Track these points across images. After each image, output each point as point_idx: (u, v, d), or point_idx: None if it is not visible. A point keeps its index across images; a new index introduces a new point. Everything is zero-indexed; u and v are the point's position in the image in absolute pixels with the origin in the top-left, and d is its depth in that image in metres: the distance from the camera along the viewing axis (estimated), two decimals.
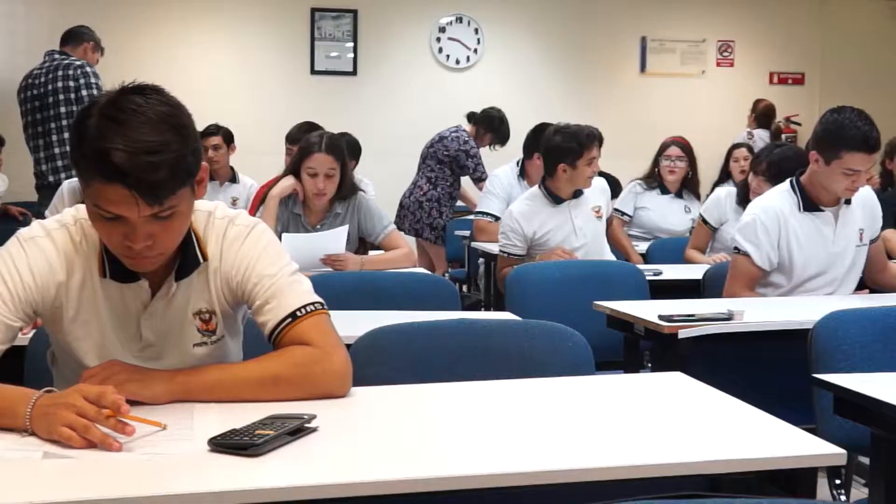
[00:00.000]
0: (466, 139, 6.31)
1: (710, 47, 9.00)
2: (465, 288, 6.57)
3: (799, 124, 8.55)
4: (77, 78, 5.44)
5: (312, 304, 1.86)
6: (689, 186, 5.39)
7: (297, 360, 1.79)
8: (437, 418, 1.78)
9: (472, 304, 5.80)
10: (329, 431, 1.61)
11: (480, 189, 5.95)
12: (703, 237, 4.70)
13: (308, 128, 4.87)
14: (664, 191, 5.34)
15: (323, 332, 1.84)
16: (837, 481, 2.36)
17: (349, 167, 3.96)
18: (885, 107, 8.83)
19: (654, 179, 5.43)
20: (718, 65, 9.05)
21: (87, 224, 1.78)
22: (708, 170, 6.00)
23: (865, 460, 3.19)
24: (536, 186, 4.33)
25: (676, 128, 7.94)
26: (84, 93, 5.42)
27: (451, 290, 3.20)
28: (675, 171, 5.33)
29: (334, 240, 3.71)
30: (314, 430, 1.59)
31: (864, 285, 3.55)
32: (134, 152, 1.59)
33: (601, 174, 6.25)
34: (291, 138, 5.03)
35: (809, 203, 3.38)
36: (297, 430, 1.56)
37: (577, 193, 4.27)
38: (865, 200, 3.48)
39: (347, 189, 3.84)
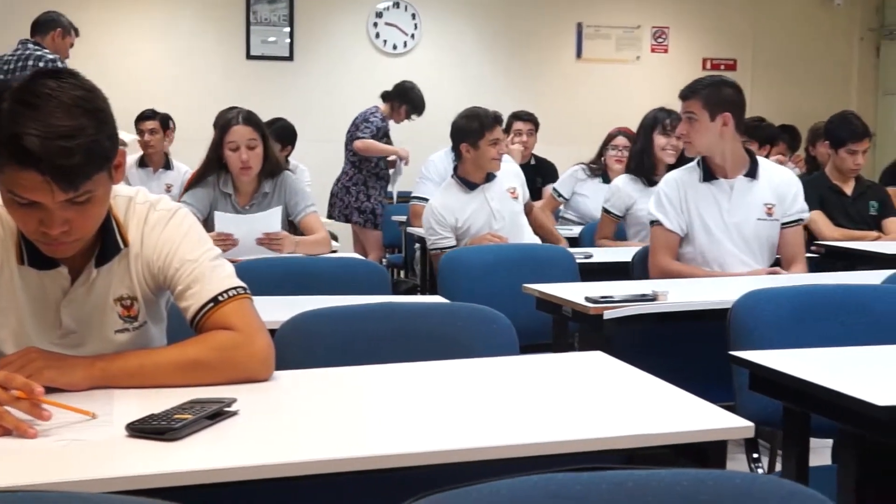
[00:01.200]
0: (372, 112, 6.36)
1: (645, 33, 9.10)
2: (402, 273, 6.59)
3: None
4: None
5: (234, 288, 1.87)
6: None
7: (219, 345, 1.80)
8: (358, 400, 1.80)
9: (409, 288, 5.83)
10: (249, 415, 1.62)
11: (356, 146, 6.09)
12: (608, 226, 4.79)
13: None
14: (606, 180, 5.40)
15: (245, 316, 1.85)
16: (755, 455, 2.42)
17: (271, 143, 3.95)
18: (813, 92, 9.04)
19: (598, 167, 5.49)
20: (653, 51, 9.15)
21: (2, 211, 1.77)
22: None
23: None
24: (450, 176, 4.41)
25: (612, 113, 8.05)
26: None
27: (381, 275, 3.22)
28: (621, 161, 5.40)
29: (270, 220, 3.72)
30: (234, 413, 1.60)
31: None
32: (47, 137, 1.58)
33: (537, 158, 6.33)
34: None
35: (709, 174, 3.59)
36: (217, 413, 1.57)
37: (490, 177, 4.37)
38: (778, 180, 3.59)
39: (273, 165, 3.86)
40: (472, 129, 4.28)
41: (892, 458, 1.87)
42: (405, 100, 6.43)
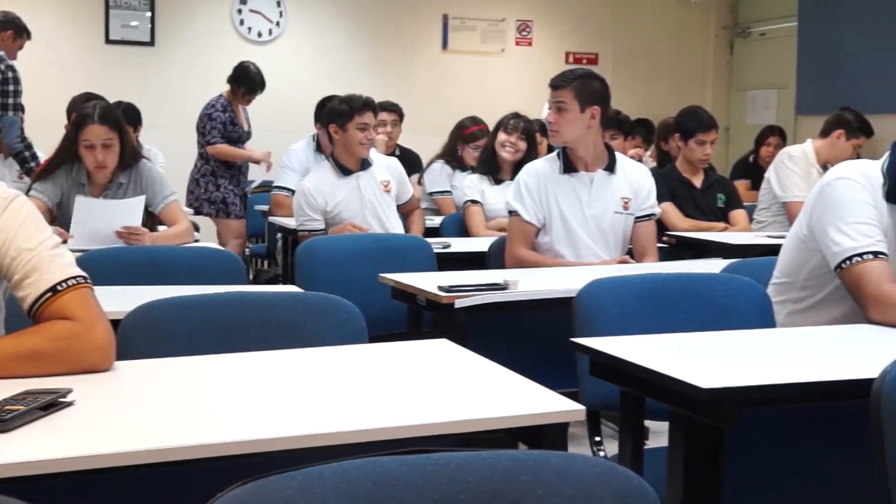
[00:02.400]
0: (213, 103, 6.31)
1: (510, 26, 9.22)
2: (265, 263, 6.54)
3: None
4: None
5: (74, 277, 1.84)
6: None
7: (57, 335, 1.77)
8: (200, 389, 1.79)
9: (271, 278, 5.79)
10: (86, 405, 1.60)
11: (209, 152, 6.06)
12: (479, 215, 4.87)
13: (86, 98, 4.75)
14: (465, 170, 5.47)
15: (84, 305, 1.82)
16: (598, 438, 2.50)
17: (129, 135, 3.88)
18: (671, 87, 9.32)
19: (454, 159, 5.55)
20: (517, 44, 9.28)
21: None
22: None
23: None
24: (325, 159, 4.45)
25: (477, 105, 8.12)
26: None
27: (236, 264, 3.20)
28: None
29: (131, 210, 3.65)
30: (69, 404, 1.58)
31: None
32: None
33: (401, 149, 6.36)
34: (71, 110, 4.90)
35: (570, 166, 3.66)
36: (51, 404, 1.55)
37: (365, 165, 4.40)
38: (634, 175, 3.71)
39: (129, 157, 3.78)
40: (342, 112, 4.35)
41: (720, 440, 1.97)
42: (243, 82, 6.38)
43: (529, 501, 1.14)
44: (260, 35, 8.54)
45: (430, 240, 4.08)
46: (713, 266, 3.19)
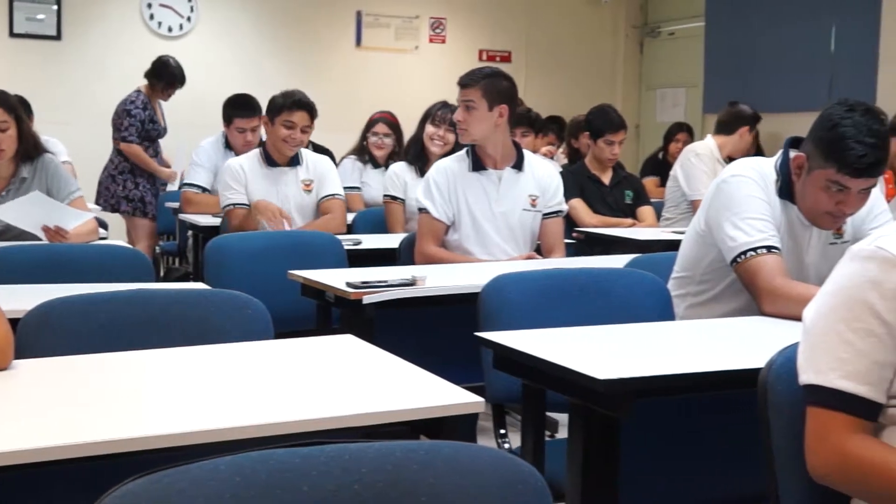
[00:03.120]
0: (133, 100, 6.22)
1: (424, 24, 9.25)
2: (176, 261, 6.48)
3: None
4: None
5: None
6: (396, 159, 5.54)
7: None
8: (100, 387, 1.78)
9: (181, 276, 5.74)
10: None
11: (122, 149, 6.00)
12: (399, 212, 4.88)
13: None
14: (375, 165, 5.48)
15: None
16: (503, 431, 2.54)
17: (27, 123, 3.81)
18: (582, 86, 9.45)
19: (364, 154, 5.56)
20: (431, 41, 9.31)
21: None
22: None
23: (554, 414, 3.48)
24: (259, 147, 4.57)
25: (391, 102, 8.12)
26: None
27: (143, 262, 3.17)
28: (382, 147, 5.50)
29: (71, 216, 3.58)
30: None
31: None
32: None
33: (314, 145, 6.34)
34: None
35: (478, 164, 3.70)
36: None
37: (293, 163, 4.42)
38: (542, 173, 3.77)
39: (31, 147, 3.71)
40: (274, 105, 4.42)
41: (617, 430, 2.02)
42: (161, 77, 6.31)
43: (421, 490, 1.17)
44: (170, 30, 8.43)
45: (341, 236, 4.08)
46: (618, 261, 3.26)
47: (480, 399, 1.71)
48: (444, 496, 1.17)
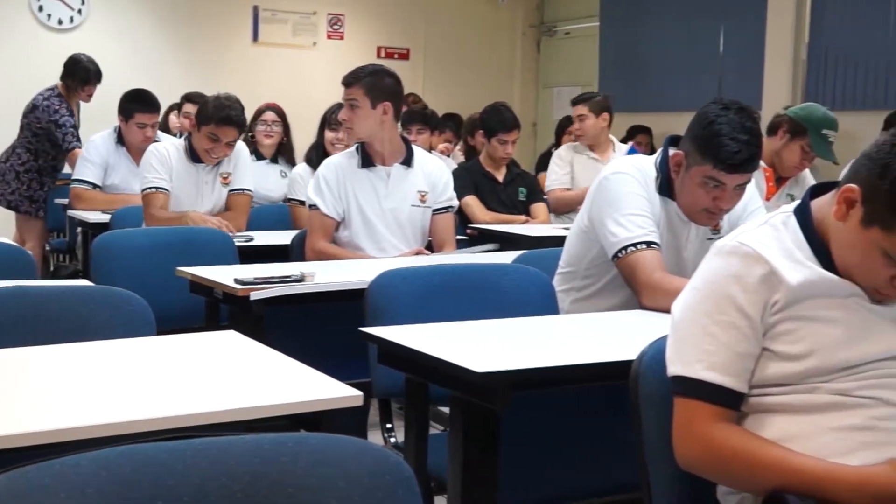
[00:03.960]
0: (56, 108, 6.02)
1: (322, 20, 9.22)
2: (66, 258, 6.34)
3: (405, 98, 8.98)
4: None
5: None
6: (283, 152, 5.53)
7: None
8: None
9: (70, 273, 5.63)
10: None
11: (72, 159, 5.81)
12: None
13: None
14: (259, 157, 5.44)
15: None
16: (389, 425, 2.56)
17: None
18: (480, 84, 9.53)
19: (249, 146, 5.51)
20: (329, 37, 9.28)
21: None
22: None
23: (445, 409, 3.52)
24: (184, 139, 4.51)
25: (289, 98, 8.04)
26: None
27: (26, 259, 3.10)
28: (271, 136, 5.46)
29: None
30: None
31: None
32: None
33: None
34: None
35: (367, 160, 3.72)
36: None
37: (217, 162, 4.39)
38: (431, 168, 3.80)
39: None
40: (204, 115, 4.32)
41: (497, 422, 2.06)
42: (73, 75, 6.14)
43: (289, 482, 1.18)
44: (60, 22, 8.24)
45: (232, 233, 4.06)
46: (507, 258, 3.31)
47: (359, 393, 1.73)
48: (312, 487, 1.18)
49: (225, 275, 3.05)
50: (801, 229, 1.76)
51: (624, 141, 7.67)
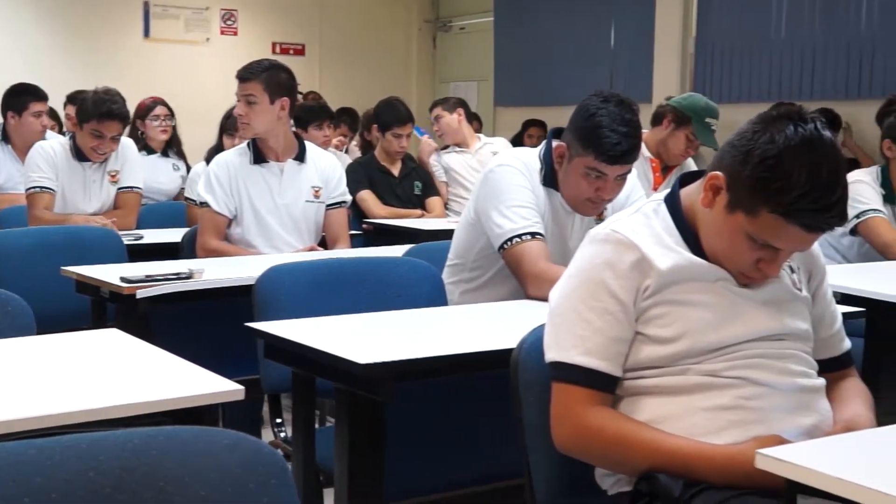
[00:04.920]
0: None
1: (214, 15, 9.10)
2: None
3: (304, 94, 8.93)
4: None
5: None
6: (173, 144, 5.48)
7: None
8: None
9: None
10: None
11: None
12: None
13: None
14: (150, 151, 5.37)
15: None
16: (279, 420, 2.56)
17: None
18: (378, 79, 9.51)
19: (138, 141, 5.44)
20: (223, 33, 9.17)
21: None
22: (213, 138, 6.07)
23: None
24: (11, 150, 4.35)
25: (182, 94, 7.96)
26: None
27: None
28: (167, 131, 5.41)
29: None
30: None
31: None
32: None
33: None
34: None
35: (260, 156, 3.70)
36: None
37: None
38: (324, 164, 3.80)
39: None
40: (84, 112, 4.24)
41: (382, 414, 2.08)
42: None
43: (160, 475, 1.18)
44: None
45: (121, 231, 3.99)
46: (399, 251, 3.33)
47: (239, 387, 1.73)
48: (183, 480, 1.19)
49: (111, 273, 3.00)
50: (670, 216, 1.82)
51: (519, 135, 7.78)
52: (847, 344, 1.95)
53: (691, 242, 1.79)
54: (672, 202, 1.84)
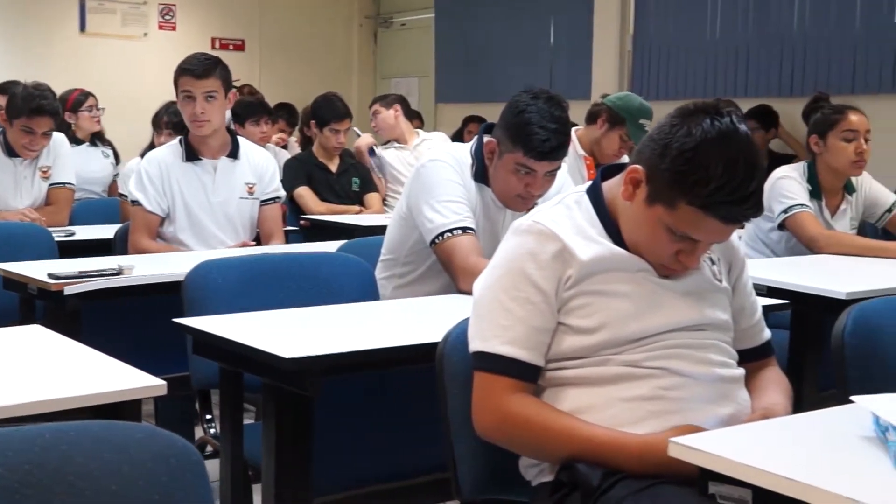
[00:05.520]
0: None
1: (152, 10, 8.99)
2: None
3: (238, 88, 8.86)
4: None
5: None
6: (99, 134, 5.49)
7: None
8: None
9: None
10: None
11: None
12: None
13: None
14: (78, 142, 5.33)
15: None
16: (208, 416, 2.54)
17: None
18: (319, 75, 9.47)
19: (70, 136, 5.40)
20: (161, 28, 9.06)
21: None
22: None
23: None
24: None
25: (120, 89, 7.88)
26: None
27: None
28: (100, 120, 5.43)
29: None
30: None
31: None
32: None
33: None
34: None
35: (192, 154, 3.66)
36: None
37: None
38: (257, 160, 3.78)
39: None
40: (13, 107, 4.18)
41: (310, 408, 2.08)
42: None
43: (70, 470, 1.18)
44: None
45: (52, 228, 3.94)
46: (334, 247, 3.32)
47: (161, 382, 1.72)
48: (93, 474, 1.18)
49: (39, 270, 2.96)
50: (593, 208, 1.84)
51: (460, 131, 7.79)
52: (767, 334, 1.99)
53: (613, 234, 1.81)
54: (594, 194, 1.86)
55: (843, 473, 1.33)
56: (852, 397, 1.49)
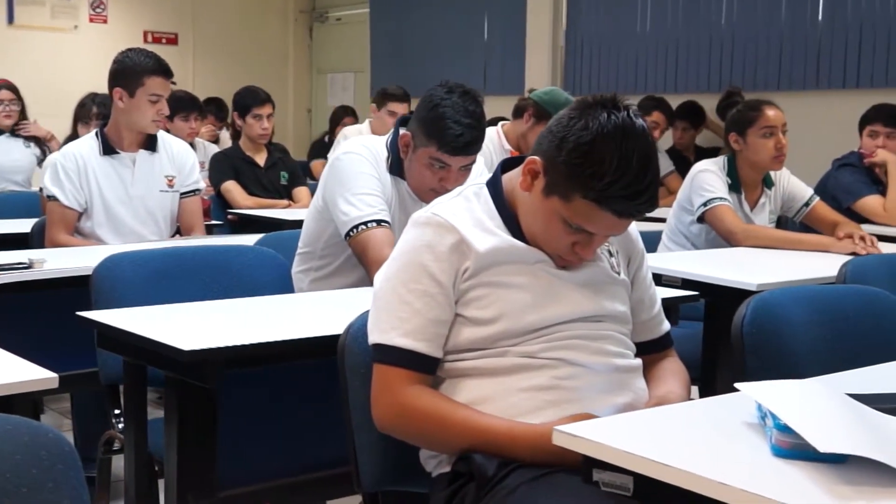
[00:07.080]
0: None
1: (83, 3, 8.85)
2: None
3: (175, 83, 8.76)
4: None
5: None
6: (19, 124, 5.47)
7: None
8: None
9: None
10: None
11: None
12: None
13: None
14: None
15: None
16: (117, 410, 2.51)
17: None
18: (254, 69, 9.39)
19: None
20: (92, 20, 8.93)
21: None
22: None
23: None
24: None
25: (49, 83, 7.77)
26: None
27: None
28: (11, 116, 5.42)
29: None
30: None
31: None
32: None
33: None
34: None
35: (109, 147, 3.59)
36: None
37: None
38: (176, 151, 3.74)
39: None
40: None
41: (214, 400, 2.06)
42: None
43: None
44: None
45: None
46: (253, 240, 3.29)
47: (52, 375, 1.70)
48: None
49: None
50: (492, 200, 1.85)
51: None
52: (666, 326, 2.01)
53: (511, 225, 1.82)
54: (494, 186, 1.87)
55: (722, 460, 1.34)
56: (736, 384, 1.51)
